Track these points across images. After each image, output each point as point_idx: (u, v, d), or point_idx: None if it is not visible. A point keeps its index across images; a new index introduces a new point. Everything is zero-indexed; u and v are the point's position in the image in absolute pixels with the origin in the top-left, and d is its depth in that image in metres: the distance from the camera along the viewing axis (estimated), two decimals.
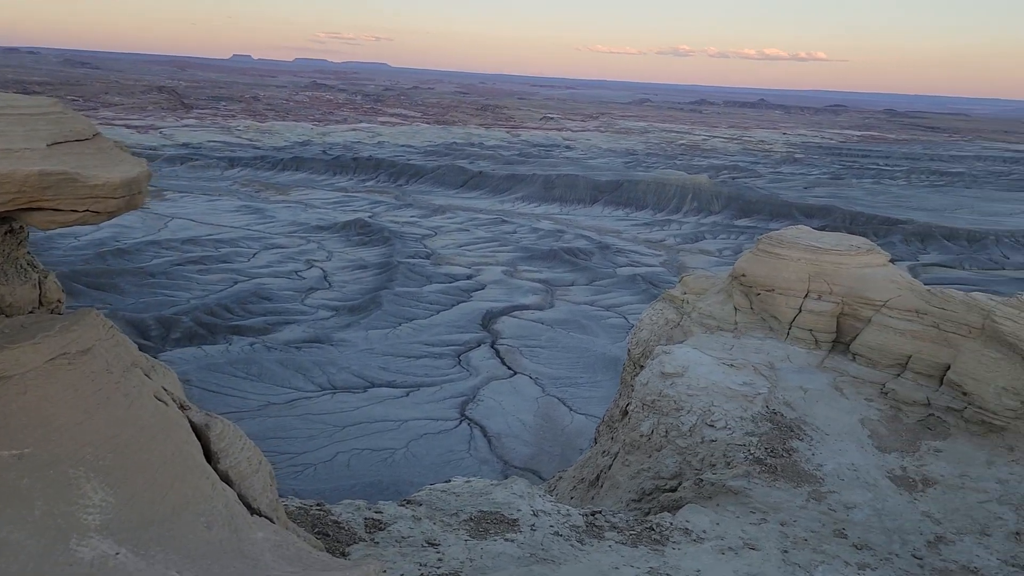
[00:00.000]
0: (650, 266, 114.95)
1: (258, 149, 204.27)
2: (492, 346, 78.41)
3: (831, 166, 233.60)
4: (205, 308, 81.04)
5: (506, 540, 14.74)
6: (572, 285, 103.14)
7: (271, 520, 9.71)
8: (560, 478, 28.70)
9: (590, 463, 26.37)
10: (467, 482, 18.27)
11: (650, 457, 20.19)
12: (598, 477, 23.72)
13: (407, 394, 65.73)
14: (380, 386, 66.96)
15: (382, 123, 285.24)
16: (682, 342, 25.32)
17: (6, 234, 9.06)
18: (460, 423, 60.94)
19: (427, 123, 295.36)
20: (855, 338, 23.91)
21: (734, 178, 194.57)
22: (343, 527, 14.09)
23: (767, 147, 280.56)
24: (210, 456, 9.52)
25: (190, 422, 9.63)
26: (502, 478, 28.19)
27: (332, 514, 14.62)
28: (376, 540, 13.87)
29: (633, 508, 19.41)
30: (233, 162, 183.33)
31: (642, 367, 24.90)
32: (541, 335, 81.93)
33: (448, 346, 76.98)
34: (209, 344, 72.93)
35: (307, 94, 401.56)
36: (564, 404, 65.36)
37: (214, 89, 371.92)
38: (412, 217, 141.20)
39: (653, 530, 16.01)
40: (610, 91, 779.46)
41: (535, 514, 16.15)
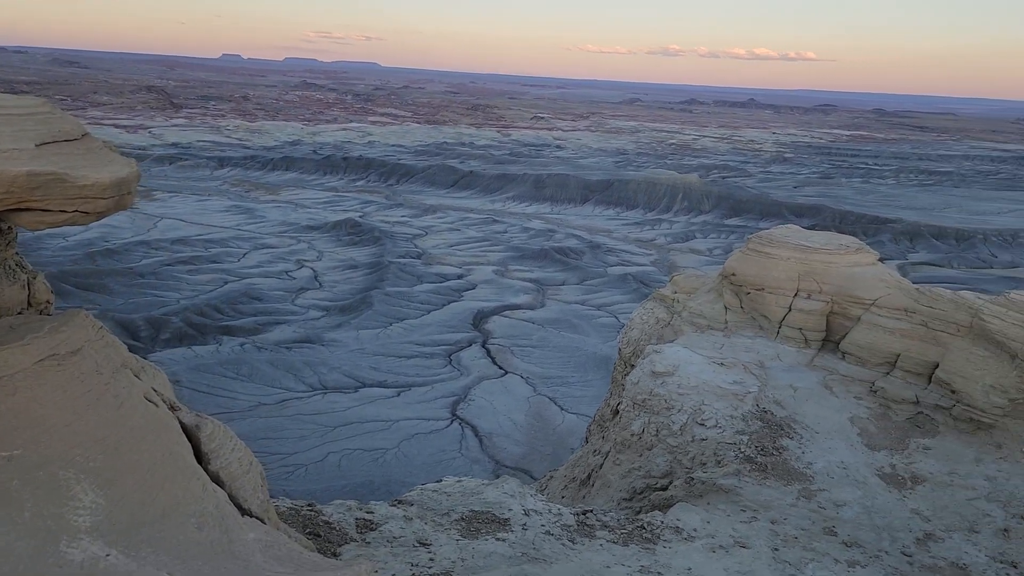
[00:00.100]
0: (641, 265, 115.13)
1: (248, 149, 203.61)
2: (483, 346, 78.39)
3: (820, 165, 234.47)
4: (195, 308, 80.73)
5: (497, 539, 14.74)
6: (563, 284, 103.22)
7: (262, 521, 9.69)
8: (551, 477, 28.72)
9: (581, 462, 26.40)
10: (458, 482, 18.27)
11: (641, 456, 20.23)
12: (589, 476, 23.75)
13: (398, 394, 65.66)
14: (371, 386, 66.86)
15: (372, 123, 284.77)
16: (673, 341, 25.39)
17: None
18: (451, 423, 60.91)
19: (417, 123, 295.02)
20: (844, 337, 24.02)
21: (724, 177, 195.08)
22: (334, 527, 14.07)
23: (757, 147, 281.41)
24: (201, 457, 9.49)
25: (180, 423, 9.60)
26: (493, 478, 28.19)
27: (323, 514, 14.60)
28: (367, 540, 13.85)
29: (624, 507, 19.45)
30: (223, 162, 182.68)
31: (633, 366, 24.95)
32: (532, 334, 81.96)
33: (439, 346, 76.93)
34: (199, 345, 72.66)
35: (297, 94, 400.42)
36: (555, 403, 65.41)
37: (203, 89, 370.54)
38: (403, 217, 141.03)
39: (644, 529, 16.04)
40: (600, 91, 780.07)
41: (526, 513, 16.17)
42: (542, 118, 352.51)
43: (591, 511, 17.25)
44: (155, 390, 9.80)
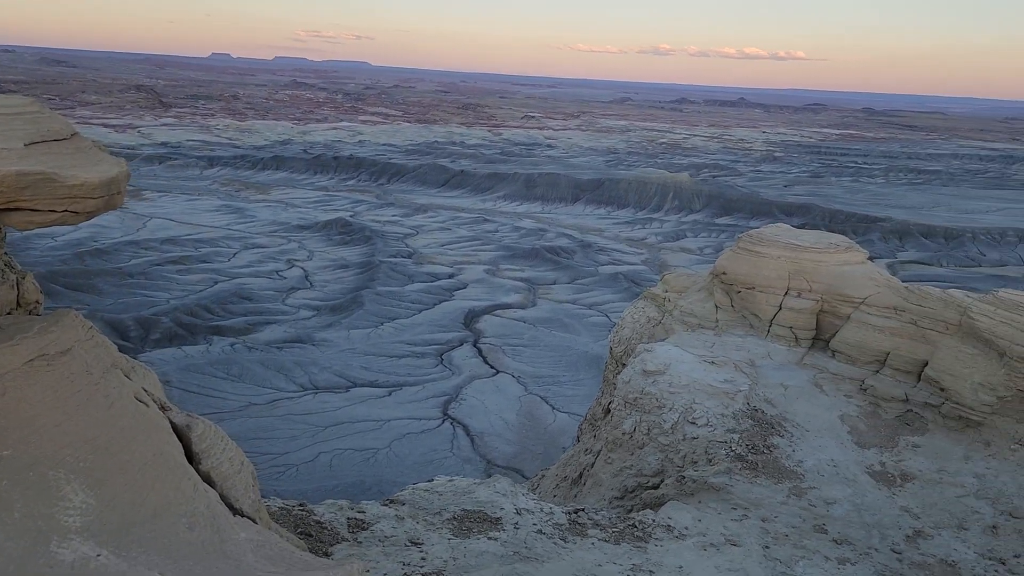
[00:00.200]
0: (632, 264, 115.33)
1: (238, 148, 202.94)
2: (474, 345, 78.38)
3: (810, 164, 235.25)
4: (185, 308, 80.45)
5: (489, 539, 14.75)
6: (554, 284, 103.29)
7: (254, 521, 9.68)
8: (543, 476, 28.75)
9: (573, 461, 26.44)
10: (450, 481, 18.27)
11: (632, 455, 20.27)
12: (581, 475, 23.78)
13: (389, 394, 65.60)
14: (362, 386, 66.77)
15: (363, 122, 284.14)
16: (664, 340, 25.44)
17: None
18: (443, 422, 60.89)
19: (408, 122, 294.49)
20: (834, 335, 24.12)
21: (715, 176, 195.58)
22: (326, 527, 14.05)
23: (747, 146, 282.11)
24: (192, 457, 9.47)
25: (171, 423, 9.58)
26: (485, 477, 28.21)
27: (315, 514, 14.58)
28: (359, 540, 13.84)
29: (616, 506, 19.49)
30: (213, 161, 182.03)
31: (624, 365, 24.99)
32: (523, 334, 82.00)
33: (430, 345, 76.88)
34: (189, 345, 72.42)
35: (287, 93, 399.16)
36: (547, 403, 65.47)
37: (193, 88, 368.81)
38: (394, 216, 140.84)
39: (636, 527, 16.08)
40: (591, 90, 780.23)
41: (518, 512, 16.18)
42: (533, 117, 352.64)
43: (583, 510, 17.29)
44: (145, 390, 9.77)
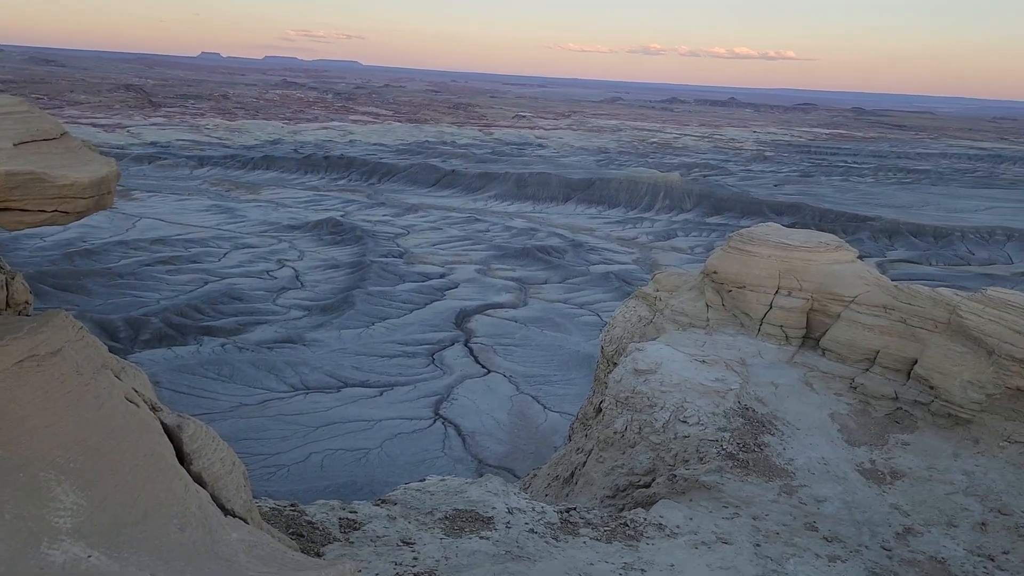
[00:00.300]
0: (623, 264, 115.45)
1: (228, 148, 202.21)
2: (466, 345, 78.34)
3: (800, 164, 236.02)
4: (175, 309, 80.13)
5: (481, 538, 14.76)
6: (545, 283, 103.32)
7: (245, 521, 9.66)
8: (535, 476, 28.77)
9: (564, 460, 26.47)
10: (442, 481, 18.28)
11: (624, 454, 20.31)
12: (572, 474, 23.81)
13: (381, 394, 65.49)
14: (353, 386, 66.65)
15: (353, 121, 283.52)
16: (655, 339, 25.50)
17: None
18: (434, 422, 60.83)
19: (399, 121, 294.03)
20: (824, 334, 24.22)
21: (705, 176, 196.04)
22: (317, 527, 14.04)
23: (738, 145, 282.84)
24: (183, 458, 9.45)
25: (162, 424, 9.55)
26: (477, 476, 28.21)
27: (306, 514, 14.56)
28: (351, 540, 13.83)
29: (607, 504, 19.52)
30: (202, 161, 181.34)
31: (615, 364, 25.03)
32: (515, 333, 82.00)
33: (421, 345, 76.79)
34: (179, 345, 72.12)
35: (277, 92, 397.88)
36: (538, 402, 65.49)
37: (182, 87, 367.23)
38: (384, 216, 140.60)
39: (627, 526, 16.11)
40: (582, 89, 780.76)
41: (510, 512, 16.20)
42: (524, 117, 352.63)
43: (574, 509, 17.31)
44: (136, 391, 9.75)
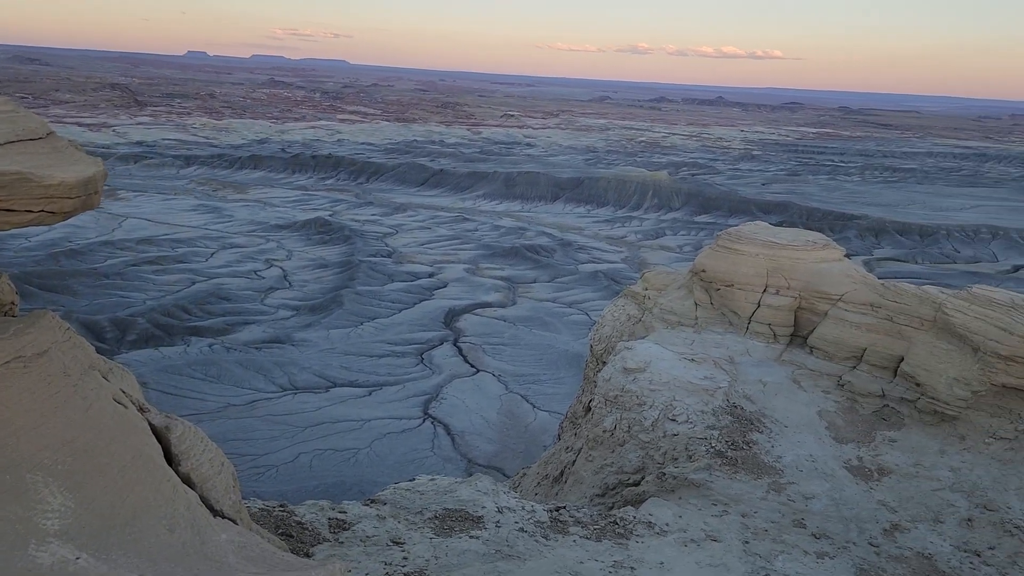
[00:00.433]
0: (611, 262, 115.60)
1: (215, 147, 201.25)
2: (455, 344, 78.26)
3: (788, 163, 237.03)
4: (162, 309, 79.68)
5: (471, 537, 14.77)
6: (534, 282, 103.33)
7: (234, 522, 9.63)
8: (524, 475, 28.80)
9: (554, 459, 26.50)
10: (431, 480, 18.27)
11: (613, 452, 20.35)
12: (562, 473, 23.84)
13: (370, 393, 65.35)
14: (342, 386, 66.47)
15: (341, 121, 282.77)
16: (644, 338, 25.57)
17: None
18: (423, 422, 60.76)
19: (387, 121, 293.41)
20: (812, 332, 24.35)
21: (693, 175, 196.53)
22: (307, 528, 14.01)
23: (725, 144, 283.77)
24: (171, 459, 9.41)
25: (150, 425, 9.51)
26: (466, 476, 28.20)
27: (295, 515, 14.53)
28: (340, 540, 13.81)
29: (597, 503, 19.56)
30: (189, 160, 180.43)
31: (604, 363, 25.08)
32: (504, 332, 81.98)
33: (410, 344, 76.66)
34: (166, 346, 71.73)
35: (265, 91, 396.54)
36: (527, 401, 65.51)
37: (168, 86, 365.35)
38: (373, 215, 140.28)
39: (617, 524, 16.15)
40: (570, 88, 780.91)
41: (500, 511, 16.20)
42: (512, 116, 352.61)
43: (564, 507, 17.33)
44: (124, 392, 9.70)
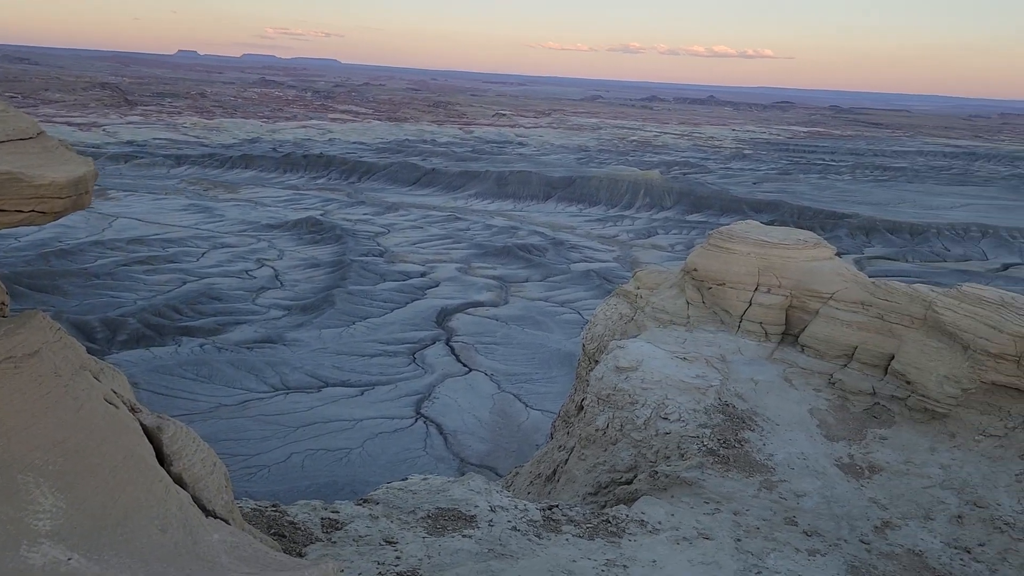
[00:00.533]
0: (604, 262, 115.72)
1: (206, 147, 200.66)
2: (447, 343, 78.21)
3: (779, 162, 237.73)
4: (153, 309, 79.39)
5: (464, 536, 14.77)
6: (526, 281, 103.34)
7: (227, 522, 9.62)
8: (517, 474, 28.82)
9: (546, 458, 26.53)
10: (424, 480, 18.26)
11: (605, 451, 20.39)
12: (555, 472, 23.87)
13: (362, 393, 65.26)
14: (334, 385, 66.37)
15: (333, 120, 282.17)
16: (636, 336, 25.62)
17: None
18: (416, 421, 60.71)
19: (379, 120, 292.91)
20: (803, 330, 24.44)
21: (685, 174, 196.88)
22: (299, 527, 13.99)
23: (717, 143, 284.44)
24: (163, 459, 9.39)
25: (142, 425, 9.49)
26: (459, 475, 28.20)
27: (288, 515, 14.51)
28: (333, 540, 13.80)
29: (589, 501, 19.59)
30: (180, 160, 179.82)
31: (597, 362, 25.12)
32: (496, 332, 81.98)
33: (403, 344, 76.59)
34: (157, 346, 71.48)
35: (256, 91, 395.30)
36: (520, 400, 65.52)
37: (159, 85, 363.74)
38: (365, 215, 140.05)
39: (609, 523, 16.18)
40: (562, 88, 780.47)
41: (492, 510, 16.21)
42: (504, 115, 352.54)
43: (557, 506, 17.35)
44: (115, 392, 9.67)
